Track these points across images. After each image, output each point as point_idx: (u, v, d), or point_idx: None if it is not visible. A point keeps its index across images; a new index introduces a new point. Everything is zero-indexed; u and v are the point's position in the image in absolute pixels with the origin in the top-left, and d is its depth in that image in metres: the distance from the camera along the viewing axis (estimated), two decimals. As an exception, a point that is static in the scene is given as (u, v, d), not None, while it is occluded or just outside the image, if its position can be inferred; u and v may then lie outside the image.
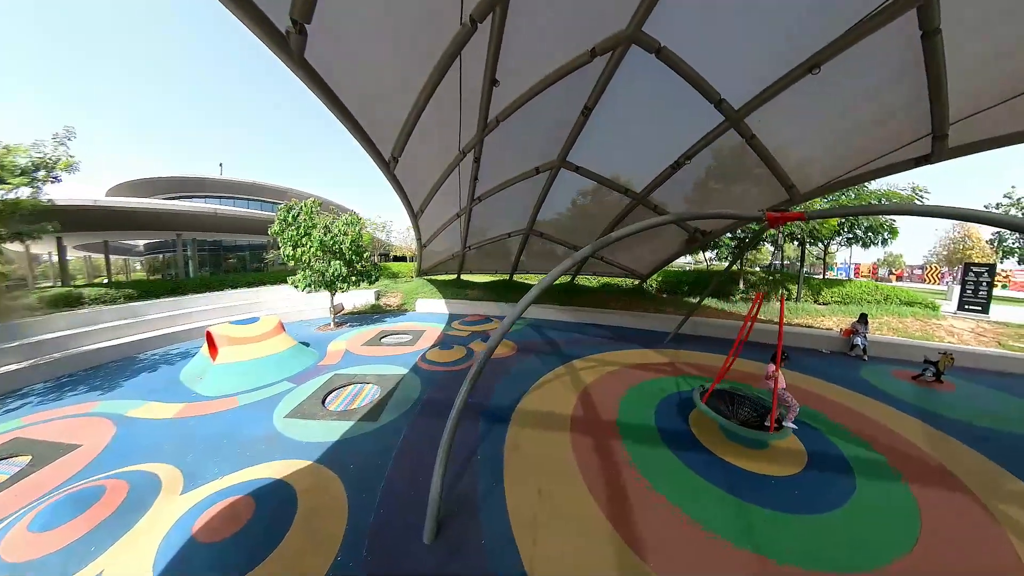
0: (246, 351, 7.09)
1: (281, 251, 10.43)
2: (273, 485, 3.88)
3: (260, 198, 31.80)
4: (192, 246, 21.37)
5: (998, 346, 10.34)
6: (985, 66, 5.30)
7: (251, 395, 6.12)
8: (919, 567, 3.15)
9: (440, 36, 4.92)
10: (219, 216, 18.72)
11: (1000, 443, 5.27)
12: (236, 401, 5.88)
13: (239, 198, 30.92)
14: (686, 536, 3.37)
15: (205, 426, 5.11)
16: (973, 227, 29.19)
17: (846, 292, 14.18)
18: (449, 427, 3.42)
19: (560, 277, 14.33)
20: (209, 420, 5.29)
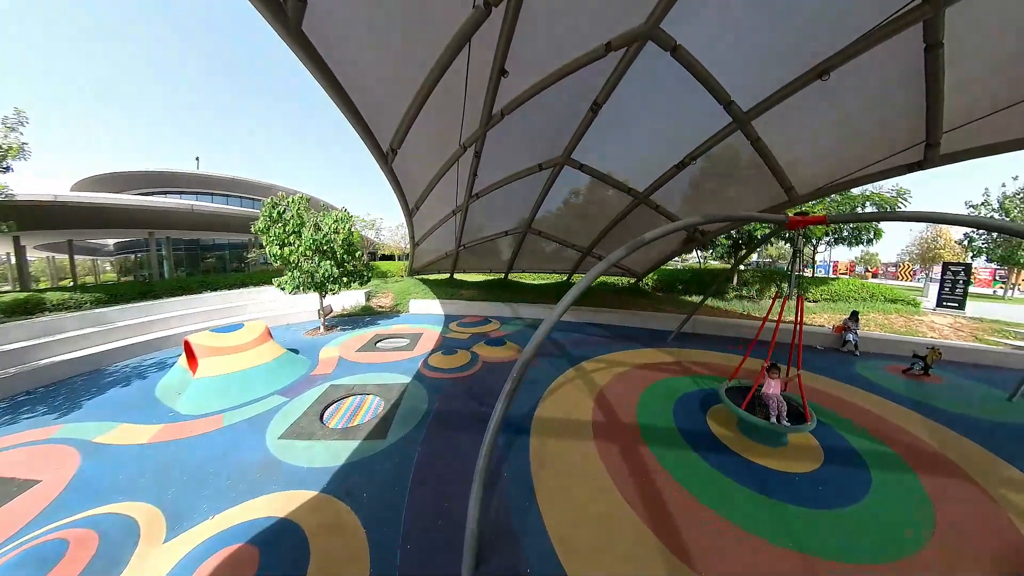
0: (230, 362, 6.43)
1: (266, 250, 9.71)
2: (277, 526, 3.35)
3: (241, 194, 30.21)
4: (167, 245, 20.09)
5: (975, 340, 11.03)
6: (979, 79, 5.61)
7: (238, 412, 5.49)
8: (943, 555, 3.34)
9: (451, 18, 4.47)
10: (196, 213, 17.60)
11: (989, 432, 5.69)
12: (221, 420, 5.25)
13: (218, 194, 29.28)
14: (728, 539, 3.40)
15: (187, 452, 4.48)
16: (945, 228, 30.32)
17: (835, 290, 14.64)
18: (485, 451, 2.98)
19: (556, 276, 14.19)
20: (191, 444, 4.65)
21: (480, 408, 6.00)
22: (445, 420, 5.53)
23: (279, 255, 9.56)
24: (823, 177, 8.49)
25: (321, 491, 3.82)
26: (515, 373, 2.98)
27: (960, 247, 26.89)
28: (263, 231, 9.65)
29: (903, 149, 7.24)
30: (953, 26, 4.67)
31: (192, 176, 28.17)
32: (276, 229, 9.56)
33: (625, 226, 12.24)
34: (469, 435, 5.09)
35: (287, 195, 10.26)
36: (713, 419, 5.80)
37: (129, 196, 18.18)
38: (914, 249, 33.84)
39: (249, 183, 30.32)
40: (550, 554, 3.15)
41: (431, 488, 3.94)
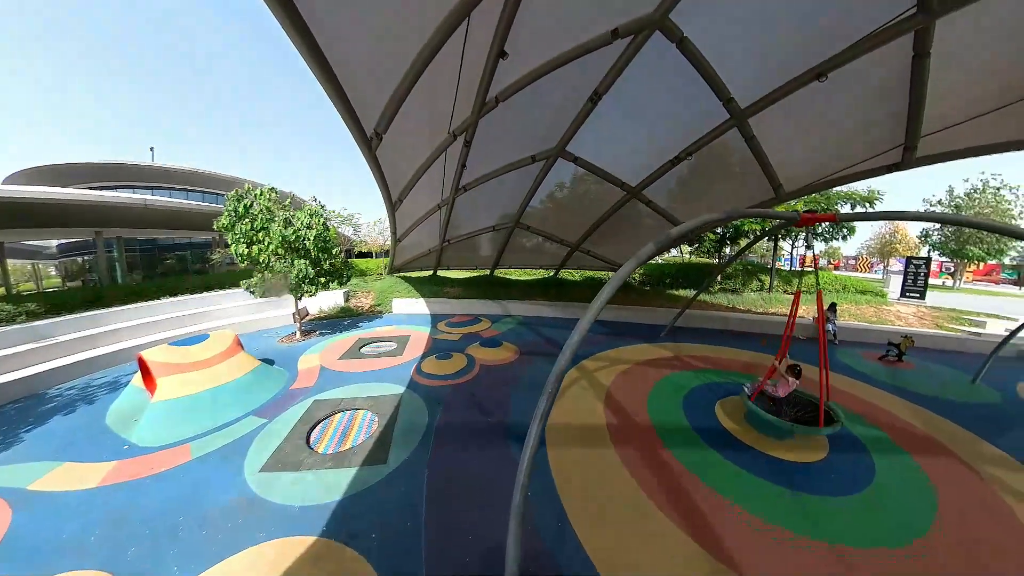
0: (195, 380, 5.62)
1: (231, 249, 8.73)
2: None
3: (202, 188, 27.75)
4: (118, 246, 18.15)
5: (937, 327, 12.05)
6: (956, 89, 6.06)
7: (208, 440, 4.73)
8: (955, 527, 3.62)
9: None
10: (150, 209, 15.91)
11: (962, 412, 6.28)
12: (188, 451, 4.49)
13: (176, 188, 26.72)
14: (765, 538, 3.43)
15: (148, 495, 3.74)
16: (901, 224, 32.49)
17: (812, 282, 15.12)
18: (521, 482, 2.51)
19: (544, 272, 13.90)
20: (153, 485, 3.89)
21: (486, 419, 5.57)
22: (451, 435, 5.06)
23: (246, 255, 8.64)
24: (809, 176, 8.83)
25: (320, 535, 3.25)
26: (550, 388, 2.58)
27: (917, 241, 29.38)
28: (228, 228, 8.68)
29: (885, 151, 7.63)
30: (940, 38, 5.06)
31: (146, 168, 25.43)
32: (242, 226, 8.61)
33: (615, 221, 12.04)
34: (480, 451, 4.67)
35: (252, 187, 9.27)
36: (721, 413, 5.88)
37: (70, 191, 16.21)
38: (873, 244, 36.46)
39: (211, 176, 27.83)
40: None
41: (450, 520, 3.48)
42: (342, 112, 4.85)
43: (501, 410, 5.85)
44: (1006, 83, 6.04)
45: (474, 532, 3.33)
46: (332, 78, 4.15)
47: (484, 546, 3.18)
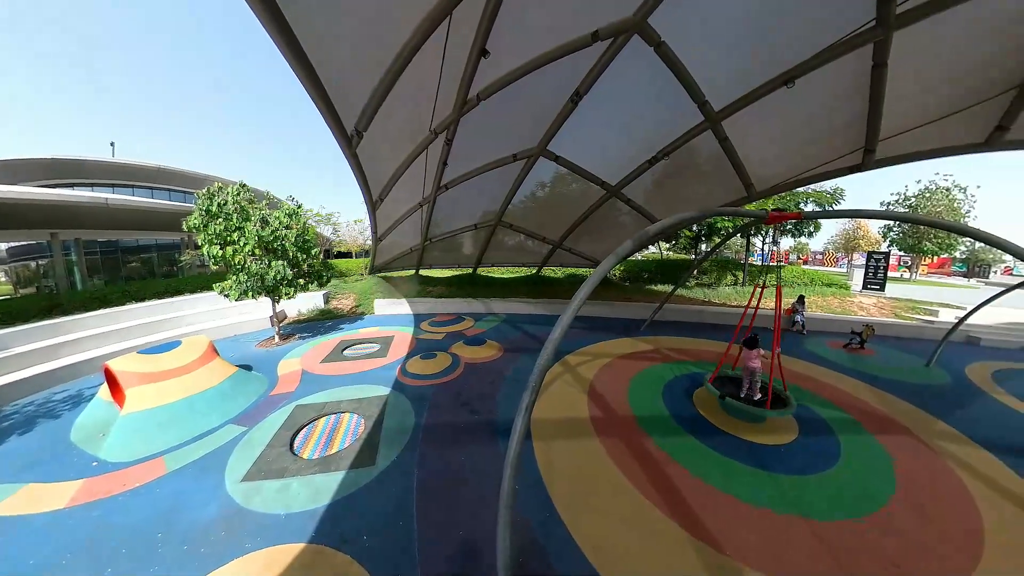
0: (168, 389, 5.38)
1: (203, 250, 8.37)
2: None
3: (169, 186, 26.00)
4: (77, 249, 17.01)
5: (895, 317, 12.98)
6: (910, 97, 6.52)
7: (184, 452, 4.55)
8: (911, 497, 4.01)
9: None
10: (112, 208, 14.98)
11: (917, 393, 6.88)
12: (163, 465, 4.30)
13: (140, 186, 24.87)
14: (743, 516, 3.63)
15: (122, 513, 3.56)
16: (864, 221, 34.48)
17: (781, 276, 16.08)
18: (508, 474, 2.58)
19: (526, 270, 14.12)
20: (127, 502, 3.71)
21: (473, 417, 5.62)
22: (438, 434, 5.08)
23: (219, 256, 8.30)
24: (778, 176, 9.30)
25: (309, 541, 3.21)
26: (533, 382, 2.66)
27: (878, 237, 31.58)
28: (199, 228, 8.31)
29: (847, 153, 8.15)
30: (896, 50, 5.44)
31: (106, 165, 23.48)
32: (215, 226, 8.27)
33: (595, 219, 12.24)
34: (468, 448, 4.72)
35: (224, 185, 8.89)
36: (699, 402, 6.19)
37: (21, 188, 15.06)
38: (838, 239, 38.66)
39: (178, 173, 26.14)
40: (588, 570, 3.00)
41: (441, 517, 3.52)
42: (322, 109, 4.72)
43: (487, 407, 5.91)
44: (954, 93, 6.56)
45: (466, 527, 3.38)
46: (312, 75, 4.04)
47: (476, 539, 3.24)
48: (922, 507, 3.82)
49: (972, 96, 6.53)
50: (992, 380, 7.81)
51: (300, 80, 3.91)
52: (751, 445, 4.89)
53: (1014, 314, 12.65)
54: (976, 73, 6.11)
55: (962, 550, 3.29)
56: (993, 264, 38.19)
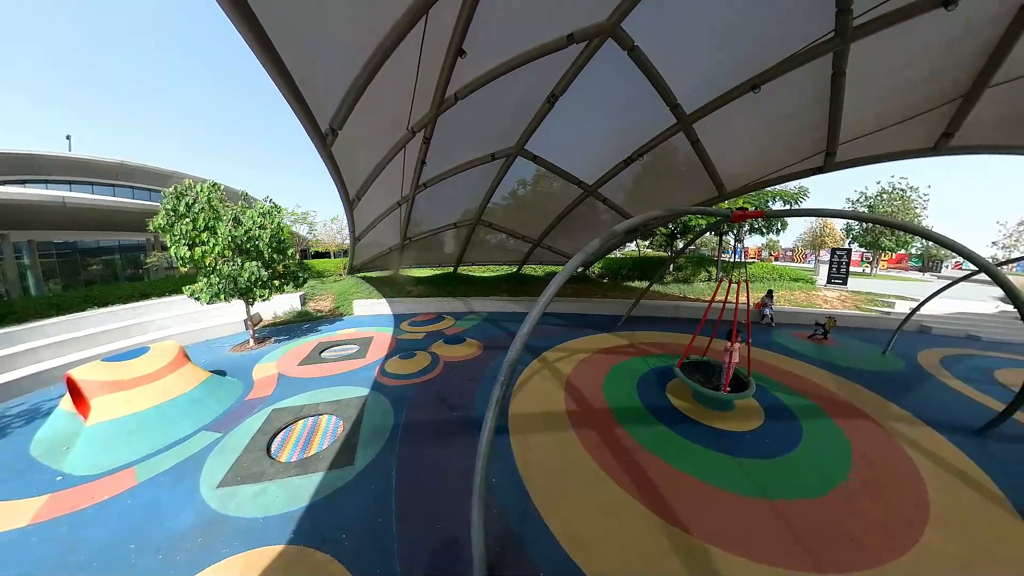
0: (136, 397, 5.19)
1: (171, 251, 8.04)
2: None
3: (132, 183, 24.49)
4: (30, 251, 16.00)
5: (856, 309, 13.77)
6: (866, 105, 6.97)
7: (156, 461, 4.41)
8: (866, 475, 4.32)
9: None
10: (70, 207, 14.18)
11: (874, 379, 7.36)
12: (133, 476, 4.15)
13: (100, 183, 23.29)
14: (710, 499, 3.84)
15: (92, 527, 3.42)
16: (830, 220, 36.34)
17: (752, 272, 17.00)
18: (481, 465, 2.70)
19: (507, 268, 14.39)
20: (96, 516, 3.56)
21: (452, 413, 5.67)
22: (418, 432, 5.11)
23: (188, 257, 7.98)
24: (747, 176, 9.73)
25: (289, 543, 3.19)
26: (503, 377, 2.76)
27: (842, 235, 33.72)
28: (165, 228, 7.97)
29: (809, 156, 8.64)
30: (853, 61, 5.85)
31: (62, 160, 21.81)
32: (183, 225, 7.93)
33: (574, 218, 12.45)
34: (447, 445, 4.78)
35: (194, 183, 8.56)
36: (672, 393, 6.44)
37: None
38: (806, 237, 40.58)
39: (142, 169, 24.69)
40: (561, 555, 3.13)
41: (420, 512, 3.57)
42: (296, 108, 4.66)
43: (466, 404, 5.97)
44: (905, 102, 7.01)
45: (445, 521, 3.45)
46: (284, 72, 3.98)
47: (455, 532, 3.31)
48: (876, 485, 4.13)
49: (922, 105, 7.03)
50: (941, 365, 8.42)
51: (271, 76, 3.85)
52: (719, 432, 5.15)
53: (960, 305, 13.66)
54: (925, 84, 6.59)
55: (911, 522, 3.58)
56: (945, 259, 40.91)
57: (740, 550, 3.19)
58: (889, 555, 3.19)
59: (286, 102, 4.50)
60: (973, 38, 5.62)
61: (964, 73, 6.28)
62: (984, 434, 5.28)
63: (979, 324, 11.99)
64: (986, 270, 4.67)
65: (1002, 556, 3.23)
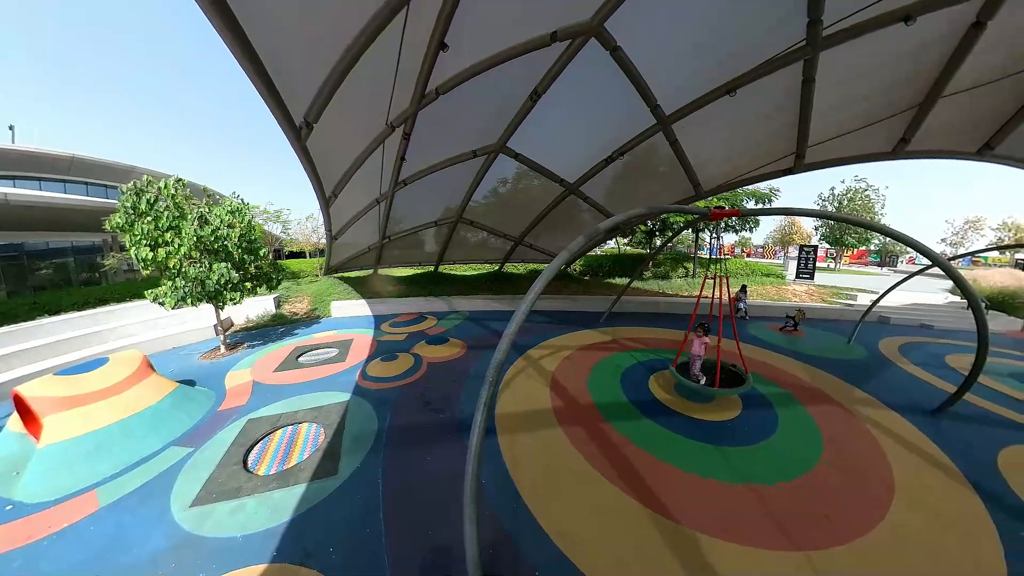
0: (95, 413, 4.83)
1: (131, 253, 7.49)
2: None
3: (86, 179, 22.61)
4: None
5: (822, 301, 14.66)
6: (832, 111, 7.36)
7: (120, 482, 4.10)
8: (835, 457, 4.58)
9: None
10: (13, 205, 13.04)
11: (839, 366, 7.85)
12: (95, 499, 3.85)
13: (49, 179, 21.38)
14: (693, 488, 3.97)
15: (51, 559, 3.14)
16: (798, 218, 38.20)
17: (727, 268, 17.58)
18: (471, 468, 2.66)
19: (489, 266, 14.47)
20: (55, 547, 3.27)
21: (438, 416, 5.60)
22: (403, 436, 5.02)
23: (151, 259, 7.47)
24: (722, 176, 10.04)
25: (272, 561, 3.05)
26: (491, 376, 2.75)
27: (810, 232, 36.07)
28: (124, 228, 7.41)
29: (780, 157, 9.00)
30: (822, 69, 6.17)
31: (4, 153, 19.88)
32: (144, 225, 7.39)
33: (555, 215, 12.48)
34: (435, 448, 4.71)
35: (155, 179, 8.00)
36: (654, 387, 6.59)
37: None
38: (776, 234, 42.56)
39: (98, 164, 22.77)
40: (555, 552, 3.13)
41: (410, 519, 3.50)
42: (267, 98, 4.41)
43: (452, 405, 5.91)
44: (868, 109, 7.40)
45: (435, 526, 3.40)
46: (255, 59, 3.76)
47: (447, 537, 3.27)
48: (845, 465, 4.39)
49: (882, 112, 7.49)
50: (899, 353, 9.01)
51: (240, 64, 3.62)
52: (701, 423, 5.33)
53: (915, 296, 14.65)
54: (885, 92, 7.04)
55: (878, 497, 3.85)
56: (900, 255, 43.76)
57: (725, 535, 3.32)
58: (860, 530, 3.41)
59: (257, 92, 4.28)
60: (928, 53, 6.06)
61: (920, 84, 6.74)
62: (939, 414, 5.73)
63: (931, 314, 12.91)
64: (940, 264, 5.05)
65: (958, 524, 3.52)
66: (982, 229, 40.33)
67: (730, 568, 3.01)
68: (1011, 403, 6.26)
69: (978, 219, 40.78)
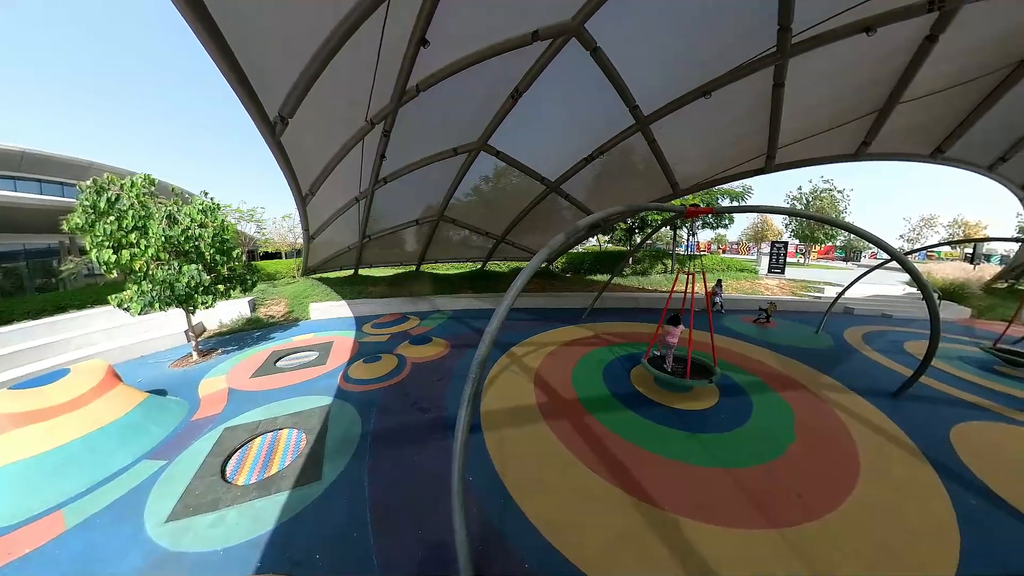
0: (57, 429, 4.54)
1: (92, 255, 7.02)
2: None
3: (39, 176, 21.07)
4: None
5: (792, 294, 15.44)
6: (799, 115, 7.77)
7: (89, 500, 3.88)
8: (806, 439, 4.86)
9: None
10: None
11: (808, 355, 8.31)
12: (62, 520, 3.62)
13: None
14: (674, 473, 4.14)
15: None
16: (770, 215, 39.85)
17: (704, 263, 18.44)
18: (457, 464, 2.69)
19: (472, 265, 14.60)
20: (18, 574, 3.06)
21: (424, 415, 5.57)
22: (389, 438, 4.96)
23: (115, 262, 7.01)
24: (698, 175, 10.46)
25: (257, 572, 2.97)
26: (473, 374, 2.77)
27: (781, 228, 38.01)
28: (85, 228, 6.94)
29: (752, 158, 9.44)
30: (791, 75, 6.51)
31: None
32: (106, 225, 6.92)
33: (537, 213, 12.56)
34: (421, 448, 4.70)
35: (118, 177, 7.51)
36: (635, 379, 6.78)
37: None
38: (750, 231, 44.55)
39: (53, 159, 21.19)
40: (543, 543, 3.21)
41: (398, 519, 3.49)
42: (239, 92, 4.25)
43: (437, 405, 5.89)
44: (833, 113, 7.81)
45: (424, 525, 3.40)
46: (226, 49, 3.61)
47: (436, 534, 3.28)
48: (815, 447, 4.69)
49: (846, 116, 7.95)
50: (863, 341, 9.57)
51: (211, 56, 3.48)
52: (680, 412, 5.53)
53: (876, 289, 15.57)
54: (849, 98, 7.50)
55: (845, 473, 4.15)
56: (863, 251, 46.29)
57: (704, 517, 3.49)
58: (829, 505, 3.67)
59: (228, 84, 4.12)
60: (887, 61, 6.47)
61: (880, 91, 7.18)
62: (898, 396, 6.17)
63: (891, 304, 13.76)
64: (896, 259, 5.42)
65: (917, 495, 3.84)
66: (936, 226, 43.47)
67: (710, 548, 3.15)
68: (962, 384, 6.80)
69: (932, 217, 43.96)
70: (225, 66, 3.85)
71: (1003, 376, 7.25)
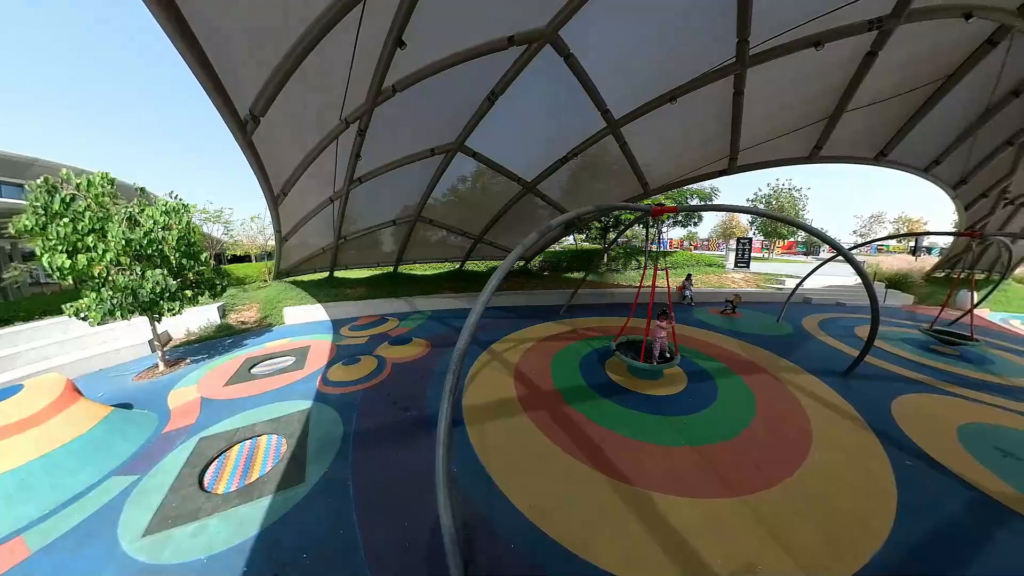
0: (11, 449, 4.22)
1: (43, 261, 6.53)
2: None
3: None
4: None
5: (757, 287, 16.44)
6: (759, 121, 8.37)
7: (53, 523, 3.65)
8: (765, 416, 5.31)
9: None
10: None
11: (769, 341, 9.02)
12: (24, 546, 3.39)
13: None
14: (647, 455, 4.42)
15: None
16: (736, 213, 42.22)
17: (675, 260, 19.52)
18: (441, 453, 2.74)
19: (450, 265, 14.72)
20: None
21: (405, 414, 5.61)
22: (371, 437, 4.98)
23: (70, 267, 6.54)
24: (667, 176, 11.01)
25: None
26: (454, 366, 2.88)
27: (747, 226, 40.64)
28: (35, 231, 6.46)
29: (717, 160, 10.01)
30: (750, 84, 7.01)
31: None
32: (59, 228, 6.44)
33: (514, 213, 12.71)
34: (404, 445, 4.76)
35: (74, 175, 7.00)
36: (610, 370, 7.13)
37: None
38: (719, 229, 46.99)
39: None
40: (528, 525, 3.37)
41: (384, 515, 3.55)
42: (208, 88, 4.14)
43: (419, 403, 5.93)
44: (788, 118, 8.44)
45: (411, 518, 3.47)
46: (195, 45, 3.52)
47: (423, 526, 3.36)
48: (773, 422, 5.14)
49: (800, 122, 8.61)
50: (819, 327, 10.38)
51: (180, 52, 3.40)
52: (651, 397, 5.89)
53: (831, 280, 16.73)
54: (802, 106, 8.12)
55: (798, 445, 4.60)
56: (822, 246, 49.55)
57: (673, 490, 3.80)
58: (785, 473, 4.07)
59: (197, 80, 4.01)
60: (834, 74, 7.11)
61: (829, 100, 7.87)
62: (847, 375, 6.83)
63: (844, 294, 14.84)
64: (841, 252, 6.03)
65: (862, 460, 4.31)
66: (884, 222, 47.44)
67: (680, 517, 3.45)
68: (902, 362, 7.62)
69: (880, 214, 48.14)
70: (193, 59, 3.74)
71: (937, 354, 8.21)
